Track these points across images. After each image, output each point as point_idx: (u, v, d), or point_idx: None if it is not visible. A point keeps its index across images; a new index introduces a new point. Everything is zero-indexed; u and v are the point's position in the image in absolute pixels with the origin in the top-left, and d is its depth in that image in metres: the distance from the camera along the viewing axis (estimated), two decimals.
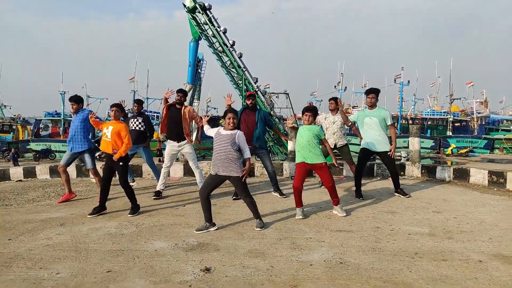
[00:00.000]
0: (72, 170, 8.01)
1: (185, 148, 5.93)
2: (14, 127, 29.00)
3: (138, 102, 6.94)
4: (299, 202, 4.62)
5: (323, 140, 4.73)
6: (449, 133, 34.82)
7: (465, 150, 23.59)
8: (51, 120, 30.44)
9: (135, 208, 4.87)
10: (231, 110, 4.20)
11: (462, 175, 7.16)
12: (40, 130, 29.51)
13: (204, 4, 20.72)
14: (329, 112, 6.64)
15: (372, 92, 5.75)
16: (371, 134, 5.70)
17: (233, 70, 21.40)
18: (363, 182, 6.42)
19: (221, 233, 4.01)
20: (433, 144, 28.49)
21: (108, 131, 4.84)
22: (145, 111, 7.05)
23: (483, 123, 42.09)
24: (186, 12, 21.25)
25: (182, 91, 6.04)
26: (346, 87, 39.27)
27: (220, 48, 21.28)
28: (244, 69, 21.15)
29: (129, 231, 4.13)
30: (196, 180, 6.20)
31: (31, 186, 7.23)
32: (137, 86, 37.56)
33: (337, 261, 3.20)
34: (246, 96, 6.00)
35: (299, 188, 4.61)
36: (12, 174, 8.06)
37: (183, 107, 5.92)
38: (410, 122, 35.40)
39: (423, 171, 7.70)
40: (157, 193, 5.88)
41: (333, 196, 4.70)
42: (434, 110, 41.54)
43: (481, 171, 6.88)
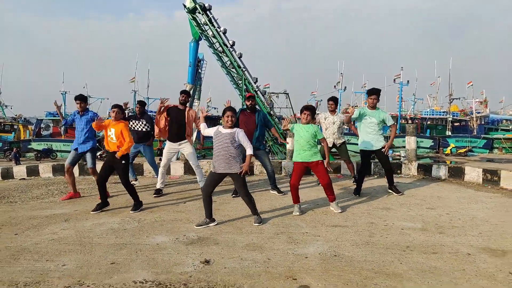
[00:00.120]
0: (75, 169, 8.13)
1: (185, 147, 5.99)
2: (15, 127, 29.14)
3: (141, 103, 7.07)
4: (296, 199, 4.76)
5: (321, 140, 4.88)
6: (448, 132, 34.94)
7: (464, 149, 23.73)
8: (52, 120, 30.58)
9: (137, 205, 5.01)
10: (230, 108, 4.30)
11: (457, 173, 7.29)
12: (42, 130, 29.65)
13: (204, 5, 20.90)
14: (328, 112, 6.77)
15: (375, 93, 5.85)
16: (368, 134, 5.83)
17: (233, 70, 21.55)
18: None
19: (221, 228, 4.15)
20: (432, 143, 28.63)
21: (111, 133, 4.96)
22: (146, 111, 7.16)
23: (483, 122, 42.19)
24: (187, 12, 21.42)
25: (186, 92, 6.12)
26: (345, 87, 39.47)
27: (220, 49, 21.44)
28: (244, 69, 21.29)
29: (132, 226, 4.27)
30: (196, 178, 6.32)
31: (34, 184, 7.37)
32: (138, 86, 37.70)
33: (332, 254, 3.33)
34: (246, 97, 6.09)
35: (296, 186, 4.74)
36: (16, 173, 8.20)
37: (187, 109, 5.99)
38: (410, 121, 35.51)
39: (419, 169, 7.83)
40: (157, 191, 6.00)
41: (329, 193, 4.83)
42: (433, 110, 41.67)
43: (476, 169, 7.01)
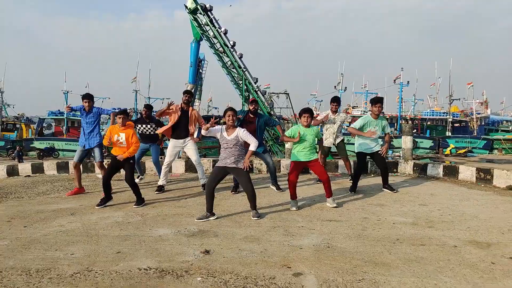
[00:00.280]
0: None
1: (188, 144, 6.19)
2: (18, 126, 29.38)
3: (148, 107, 7.25)
4: (294, 195, 4.95)
5: (320, 139, 5.13)
6: (448, 133, 35.03)
7: (464, 150, 23.81)
8: (54, 119, 30.80)
9: (140, 200, 5.20)
10: (231, 108, 4.56)
11: (451, 172, 7.47)
12: (44, 129, 29.87)
13: (205, 6, 21.10)
14: (330, 112, 6.94)
15: (379, 102, 5.99)
16: (367, 138, 5.98)
17: (234, 70, 21.75)
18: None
19: (220, 221, 4.35)
20: (432, 144, 28.73)
21: (120, 137, 5.14)
22: (153, 116, 7.35)
23: (483, 123, 42.23)
24: (188, 13, 21.62)
25: (189, 92, 6.31)
26: (346, 87, 39.58)
27: (221, 49, 21.64)
28: (244, 70, 21.49)
29: (135, 220, 4.46)
30: (197, 176, 6.51)
31: (39, 180, 7.57)
32: (139, 86, 37.87)
33: (325, 245, 3.52)
34: (250, 101, 6.36)
35: (295, 182, 4.94)
36: (21, 170, 8.41)
37: (191, 110, 6.19)
38: (410, 122, 35.63)
39: (415, 168, 8.01)
40: (160, 188, 6.19)
41: (327, 189, 5.01)
42: (433, 110, 41.75)
43: (470, 168, 7.18)
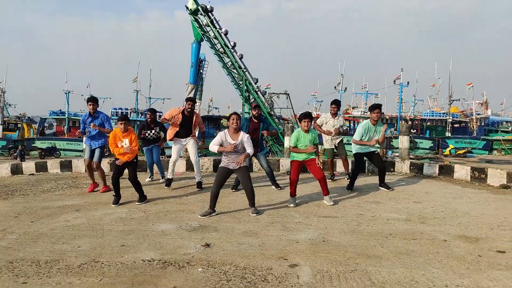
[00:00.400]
0: (81, 165, 8.50)
1: (189, 143, 6.51)
2: (19, 125, 29.56)
3: (152, 111, 7.41)
4: (293, 193, 5.12)
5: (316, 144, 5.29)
6: (448, 134, 35.15)
7: (463, 151, 23.94)
8: (56, 119, 30.96)
9: (142, 198, 5.36)
10: (235, 113, 4.88)
11: (447, 171, 7.62)
12: (45, 128, 30.03)
13: (206, 7, 21.27)
14: (330, 114, 7.06)
15: (377, 108, 6.13)
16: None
17: (234, 71, 21.90)
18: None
19: (220, 217, 4.51)
20: (432, 144, 28.85)
21: (124, 143, 5.28)
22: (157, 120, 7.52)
23: (483, 124, 42.31)
24: (189, 14, 21.79)
25: (192, 100, 6.62)
26: (346, 88, 39.67)
27: (221, 50, 21.79)
28: (244, 70, 21.64)
29: (138, 216, 4.63)
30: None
31: (43, 179, 7.73)
32: (140, 86, 37.99)
33: (321, 239, 3.68)
34: (252, 107, 6.59)
35: (296, 181, 5.13)
36: (25, 168, 8.56)
37: (195, 116, 6.48)
38: (410, 123, 35.76)
39: (412, 167, 8.16)
40: (168, 181, 6.53)
41: (324, 187, 5.17)
42: (433, 111, 41.87)
43: (464, 167, 7.34)
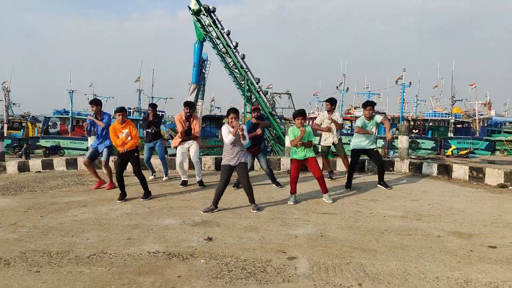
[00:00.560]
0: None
1: (192, 146, 6.66)
2: (24, 124, 29.83)
3: (153, 106, 7.53)
4: (294, 190, 5.26)
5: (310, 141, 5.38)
6: (450, 134, 35.13)
7: (465, 151, 23.95)
8: (60, 118, 31.22)
9: (147, 193, 5.52)
10: (232, 110, 4.94)
11: (445, 170, 7.73)
12: (49, 127, 30.28)
13: (208, 7, 21.42)
14: (326, 112, 7.25)
15: (370, 105, 6.30)
16: (363, 137, 6.28)
17: (236, 70, 22.05)
18: (354, 176, 7.12)
19: (222, 213, 4.66)
20: (434, 145, 28.87)
21: (124, 134, 5.44)
22: (159, 114, 7.65)
23: (485, 124, 42.23)
24: (191, 14, 21.95)
25: (189, 104, 6.65)
26: (348, 88, 39.57)
27: (223, 50, 21.94)
28: (246, 70, 21.78)
29: (143, 211, 4.79)
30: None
31: (50, 176, 7.91)
32: (143, 86, 38.13)
33: (319, 234, 3.82)
34: (252, 109, 6.71)
35: (296, 178, 5.27)
36: (32, 166, 8.76)
37: (193, 122, 6.57)
38: (412, 123, 35.77)
39: (411, 167, 8.28)
40: (184, 182, 6.64)
41: (322, 185, 5.31)
42: (436, 111, 41.83)
43: (463, 166, 7.45)
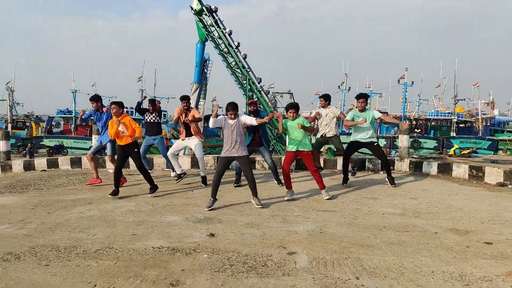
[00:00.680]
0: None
1: (193, 141, 6.69)
2: (27, 124, 30.09)
3: (152, 102, 7.63)
4: (288, 184, 5.34)
5: (306, 127, 5.37)
6: (453, 134, 35.07)
7: (468, 151, 23.93)
8: (63, 117, 31.41)
9: (154, 188, 5.63)
10: (231, 105, 4.99)
11: (446, 169, 7.80)
12: (53, 127, 30.48)
13: (210, 7, 21.52)
14: (322, 108, 7.36)
15: (362, 97, 6.40)
16: (361, 130, 6.38)
17: (238, 70, 22.12)
18: (355, 176, 7.28)
19: (224, 211, 4.76)
20: (436, 144, 28.84)
21: (120, 127, 5.50)
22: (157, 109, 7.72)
23: (488, 124, 42.09)
24: (193, 14, 22.06)
25: (185, 98, 6.67)
26: (350, 88, 39.63)
27: (225, 50, 22.02)
28: (248, 70, 21.86)
29: (147, 208, 4.90)
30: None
31: (55, 174, 8.05)
32: (145, 85, 38.32)
33: (318, 231, 3.92)
34: (248, 103, 6.83)
35: (287, 170, 5.34)
36: (37, 165, 8.89)
37: (189, 112, 6.59)
38: (414, 122, 35.74)
39: (411, 166, 8.35)
40: (179, 176, 6.78)
41: (319, 181, 5.39)
42: (438, 110, 41.75)
43: (462, 165, 7.52)
